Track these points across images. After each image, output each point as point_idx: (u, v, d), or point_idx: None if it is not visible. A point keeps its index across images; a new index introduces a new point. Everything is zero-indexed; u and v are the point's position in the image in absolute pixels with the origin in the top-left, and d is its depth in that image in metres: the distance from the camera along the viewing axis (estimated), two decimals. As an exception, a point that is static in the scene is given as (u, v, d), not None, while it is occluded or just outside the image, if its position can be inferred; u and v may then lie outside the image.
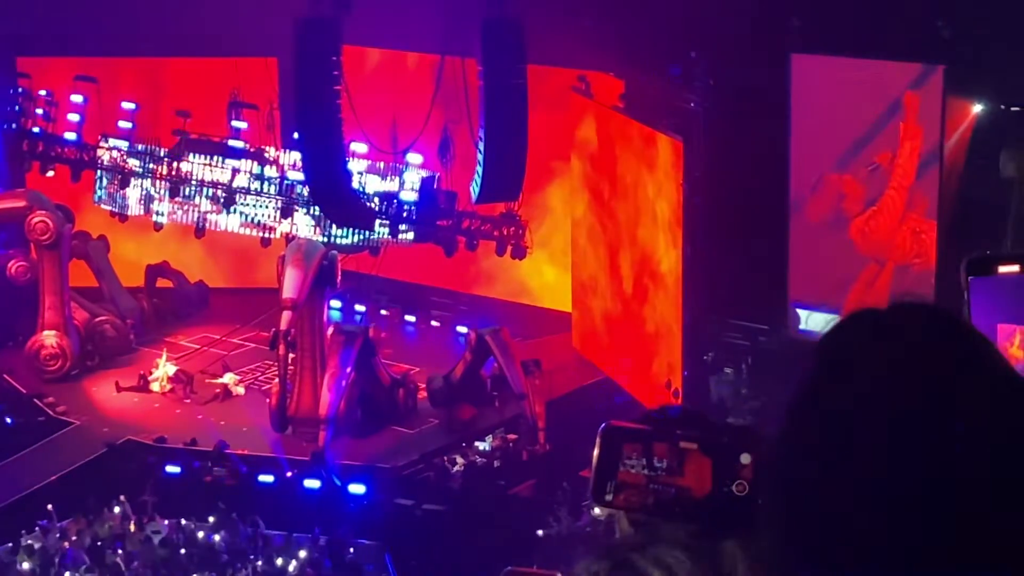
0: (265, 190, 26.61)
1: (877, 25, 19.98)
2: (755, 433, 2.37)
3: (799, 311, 21.14)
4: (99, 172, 27.78)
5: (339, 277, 24.89)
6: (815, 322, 20.72)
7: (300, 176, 25.43)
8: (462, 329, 26.94)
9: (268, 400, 24.61)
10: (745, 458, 2.36)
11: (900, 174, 20.63)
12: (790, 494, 2.02)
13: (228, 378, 25.96)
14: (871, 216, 21.11)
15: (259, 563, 20.68)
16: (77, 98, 27.98)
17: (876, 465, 1.94)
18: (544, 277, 28.16)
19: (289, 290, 23.96)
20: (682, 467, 2.39)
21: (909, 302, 2.09)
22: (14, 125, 28.20)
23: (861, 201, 21.21)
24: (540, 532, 20.69)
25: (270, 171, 26.57)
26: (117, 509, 21.67)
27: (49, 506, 21.33)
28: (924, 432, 1.93)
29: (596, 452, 2.41)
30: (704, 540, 2.27)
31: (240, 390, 25.95)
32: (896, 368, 1.98)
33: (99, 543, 20.94)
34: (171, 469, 22.65)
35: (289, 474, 22.72)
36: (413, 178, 25.97)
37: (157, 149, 27.15)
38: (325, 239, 25.96)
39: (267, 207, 26.64)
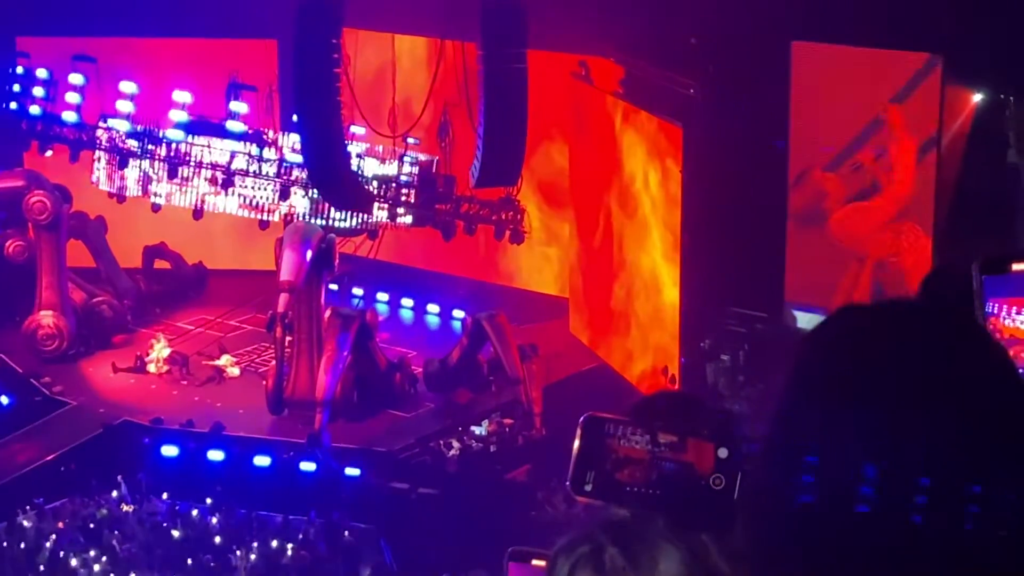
0: (264, 172, 26.58)
1: (877, 13, 19.89)
2: (733, 426, 2.35)
3: (795, 312, 21.14)
4: (98, 152, 27.72)
5: (337, 260, 24.87)
6: (811, 323, 20.68)
7: (299, 158, 25.39)
8: (459, 313, 26.93)
9: (264, 382, 24.61)
10: (722, 452, 2.33)
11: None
12: (782, 495, 2.00)
13: (224, 360, 25.97)
14: (853, 210, 21.12)
15: (254, 545, 20.70)
16: (76, 78, 27.88)
17: (870, 464, 1.92)
18: (542, 262, 28.13)
19: (287, 272, 23.95)
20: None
21: (895, 297, 2.09)
22: (13, 104, 28.12)
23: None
24: (535, 515, 20.69)
25: (269, 153, 26.53)
26: (115, 493, 21.68)
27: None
28: (921, 427, 1.92)
29: (577, 443, 2.39)
30: (679, 533, 2.26)
31: (236, 372, 25.95)
32: (888, 362, 1.97)
33: (92, 524, 20.95)
34: (167, 450, 22.64)
35: (285, 456, 22.71)
36: (412, 161, 25.94)
37: (156, 130, 27.09)
38: (323, 222, 25.93)
39: (265, 189, 26.61)
